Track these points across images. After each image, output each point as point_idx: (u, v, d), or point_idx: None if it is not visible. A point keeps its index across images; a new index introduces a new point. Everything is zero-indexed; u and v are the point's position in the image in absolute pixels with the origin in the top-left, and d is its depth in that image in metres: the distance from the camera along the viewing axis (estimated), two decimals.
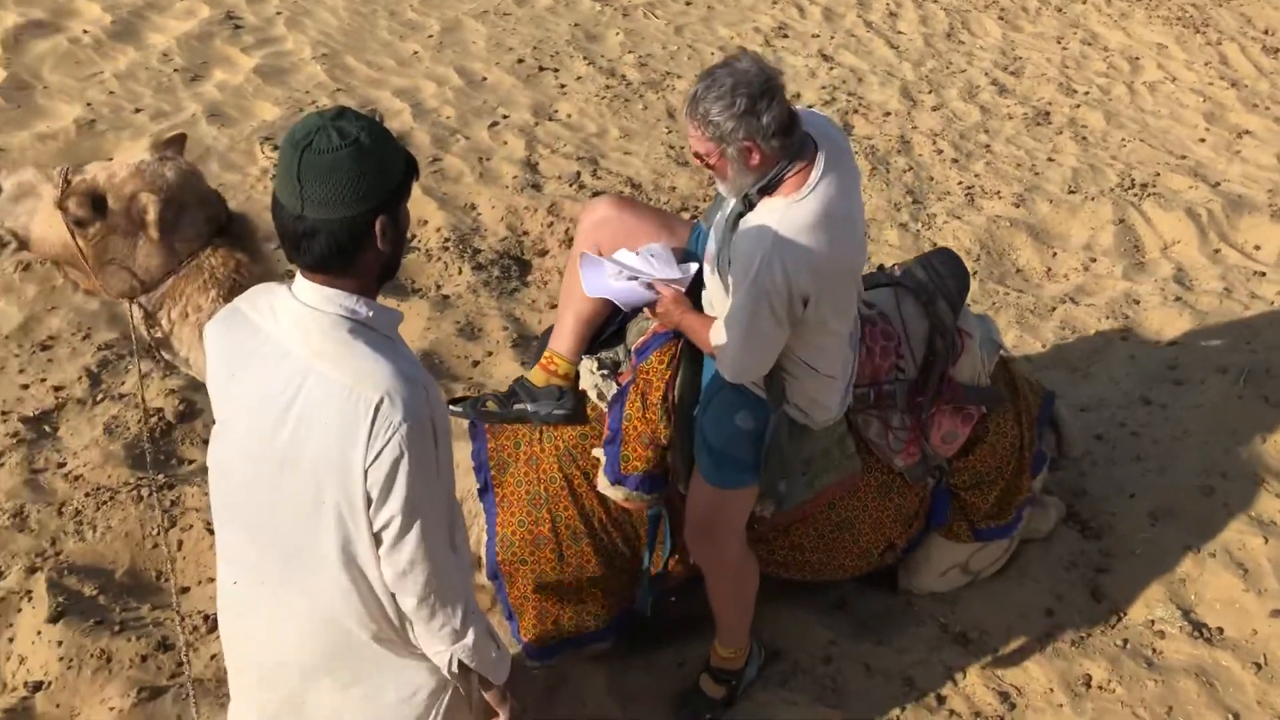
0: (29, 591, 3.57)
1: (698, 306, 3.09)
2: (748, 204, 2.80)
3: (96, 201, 2.78)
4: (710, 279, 3.02)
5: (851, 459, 3.27)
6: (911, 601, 3.75)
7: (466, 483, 3.25)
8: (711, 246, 2.98)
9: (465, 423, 3.40)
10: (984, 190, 6.55)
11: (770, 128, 2.68)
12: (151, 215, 2.76)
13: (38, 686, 3.34)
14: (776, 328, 2.79)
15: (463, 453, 3.28)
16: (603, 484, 3.22)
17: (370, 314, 2.00)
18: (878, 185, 6.49)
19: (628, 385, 3.24)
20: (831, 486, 3.25)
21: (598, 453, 3.25)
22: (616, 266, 3.03)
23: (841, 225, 2.78)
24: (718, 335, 2.90)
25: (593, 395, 3.33)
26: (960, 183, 6.63)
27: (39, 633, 3.45)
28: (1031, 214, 6.31)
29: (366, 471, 1.94)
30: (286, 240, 1.96)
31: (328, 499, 1.99)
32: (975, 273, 5.71)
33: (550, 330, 3.48)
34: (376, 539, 2.01)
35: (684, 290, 3.04)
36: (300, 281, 2.01)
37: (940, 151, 6.98)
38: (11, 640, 3.47)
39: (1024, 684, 3.49)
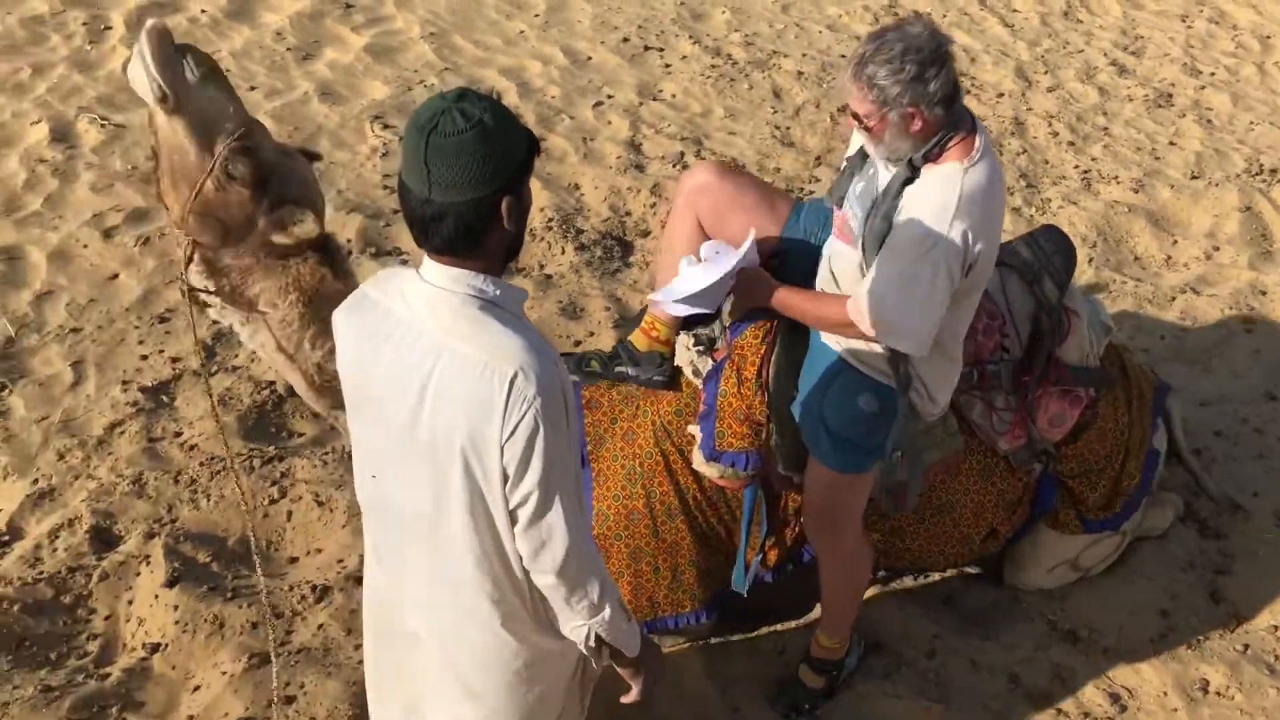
0: (147, 556, 3.69)
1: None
2: (912, 170, 2.74)
3: (260, 174, 2.77)
4: (844, 252, 2.94)
5: (954, 437, 3.20)
6: (1019, 597, 3.66)
7: None
8: (855, 220, 2.88)
9: None
10: (1101, 175, 6.33)
11: (936, 95, 2.65)
12: (300, 231, 2.84)
13: (155, 648, 3.46)
14: (951, 294, 2.75)
15: None
16: (698, 460, 3.20)
17: (498, 293, 2.02)
18: None
19: (723, 361, 3.23)
20: (935, 465, 3.17)
21: (693, 429, 3.23)
22: (687, 285, 2.96)
23: (1003, 192, 2.82)
24: (868, 307, 2.76)
25: (688, 371, 3.32)
26: (1076, 166, 6.42)
27: (156, 596, 3.56)
28: (1151, 200, 6.08)
29: (503, 447, 1.96)
30: (415, 225, 1.98)
31: (461, 476, 2.01)
32: (1091, 260, 5.54)
33: None
34: (513, 516, 2.03)
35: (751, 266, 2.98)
36: (428, 264, 2.03)
37: (1056, 134, 6.76)
38: (131, 603, 3.59)
39: (1136, 686, 3.38)
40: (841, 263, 2.95)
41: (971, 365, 3.21)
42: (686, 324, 3.38)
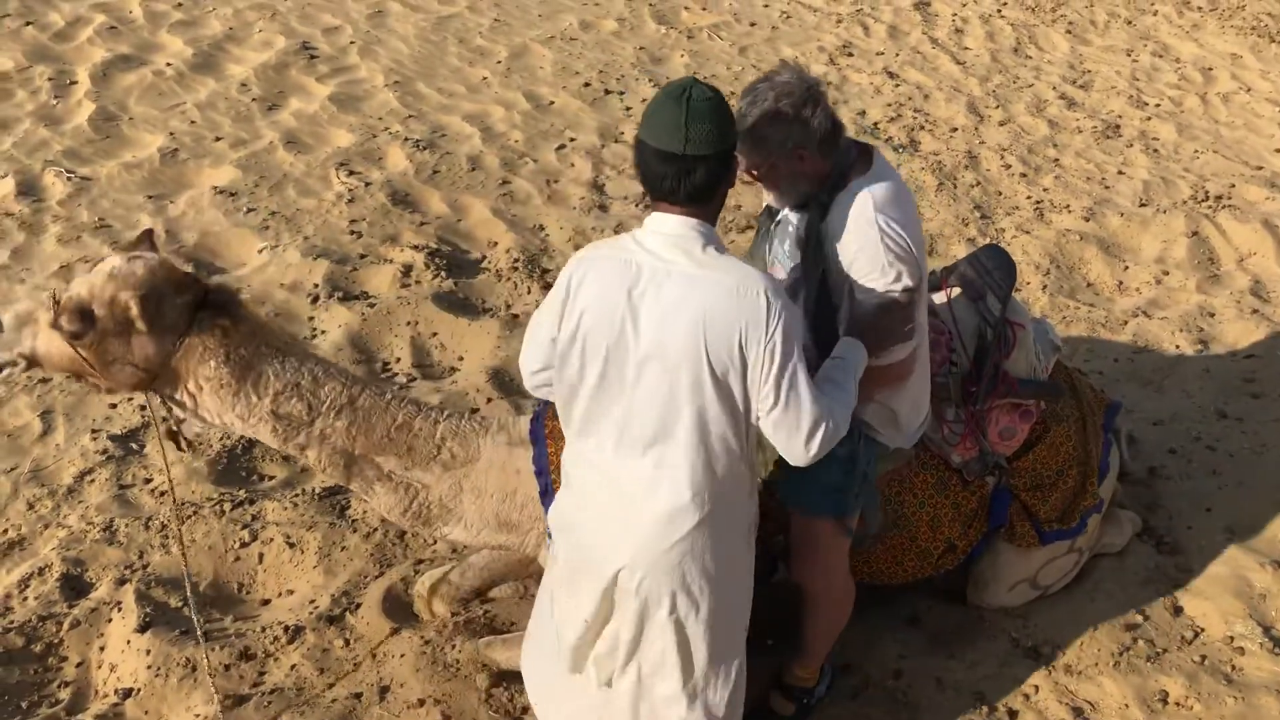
0: (119, 602, 3.70)
1: None
2: (820, 206, 2.84)
3: (84, 313, 2.98)
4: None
5: (903, 449, 3.28)
6: (982, 616, 3.72)
7: (529, 488, 3.31)
8: (785, 271, 2.97)
9: (524, 428, 3.46)
10: (1053, 204, 6.49)
11: (818, 133, 2.76)
12: (134, 311, 2.96)
13: (128, 693, 3.46)
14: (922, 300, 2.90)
15: (524, 459, 3.34)
16: None
17: (716, 235, 2.54)
18: (945, 200, 6.47)
19: None
20: (885, 476, 3.24)
21: None
22: None
23: (912, 199, 2.94)
24: (861, 349, 2.82)
25: None
26: (1029, 197, 6.58)
27: (128, 642, 3.57)
28: (1102, 227, 6.24)
29: (767, 348, 2.45)
30: (665, 181, 2.45)
31: (689, 388, 2.50)
32: (1045, 287, 5.67)
33: None
34: (775, 399, 2.49)
35: None
36: (660, 218, 2.52)
37: (1008, 166, 6.94)
38: (103, 649, 3.59)
39: (1098, 699, 3.44)
40: None
41: None
42: None
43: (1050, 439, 3.52)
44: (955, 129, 7.39)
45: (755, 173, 2.81)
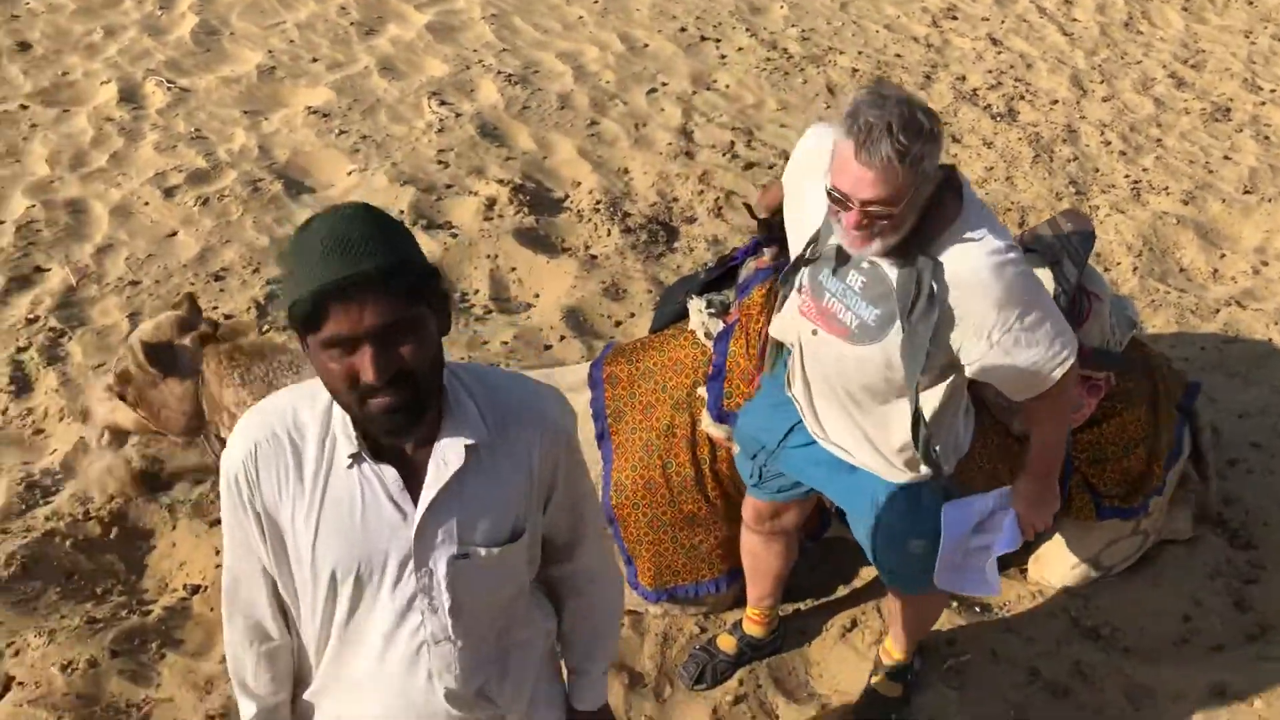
0: (193, 501, 3.80)
1: None
2: (912, 253, 2.40)
3: (125, 377, 3.37)
4: (833, 343, 2.60)
5: (967, 411, 3.23)
6: (1043, 592, 3.68)
7: (585, 429, 3.34)
8: (848, 313, 2.55)
9: (582, 373, 3.48)
10: (1151, 185, 6.30)
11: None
12: (140, 358, 3.28)
13: (195, 589, 3.57)
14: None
15: (581, 402, 3.37)
16: (706, 422, 3.26)
17: None
18: (1040, 173, 6.32)
19: (733, 324, 3.30)
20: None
21: (701, 391, 3.29)
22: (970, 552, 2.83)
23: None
24: (1054, 373, 2.50)
25: (700, 334, 3.39)
26: (1127, 176, 6.40)
27: (198, 539, 3.68)
28: (1201, 212, 6.05)
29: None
30: None
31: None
32: (1135, 269, 5.53)
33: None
34: None
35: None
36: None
37: (1108, 143, 6.74)
38: (174, 545, 3.71)
39: (1154, 685, 3.39)
40: (832, 355, 2.63)
41: None
42: (702, 290, 3.46)
43: (1120, 418, 3.44)
44: (1056, 101, 7.19)
45: (887, 210, 2.30)
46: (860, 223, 2.33)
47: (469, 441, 1.76)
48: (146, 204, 5.39)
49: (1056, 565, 3.65)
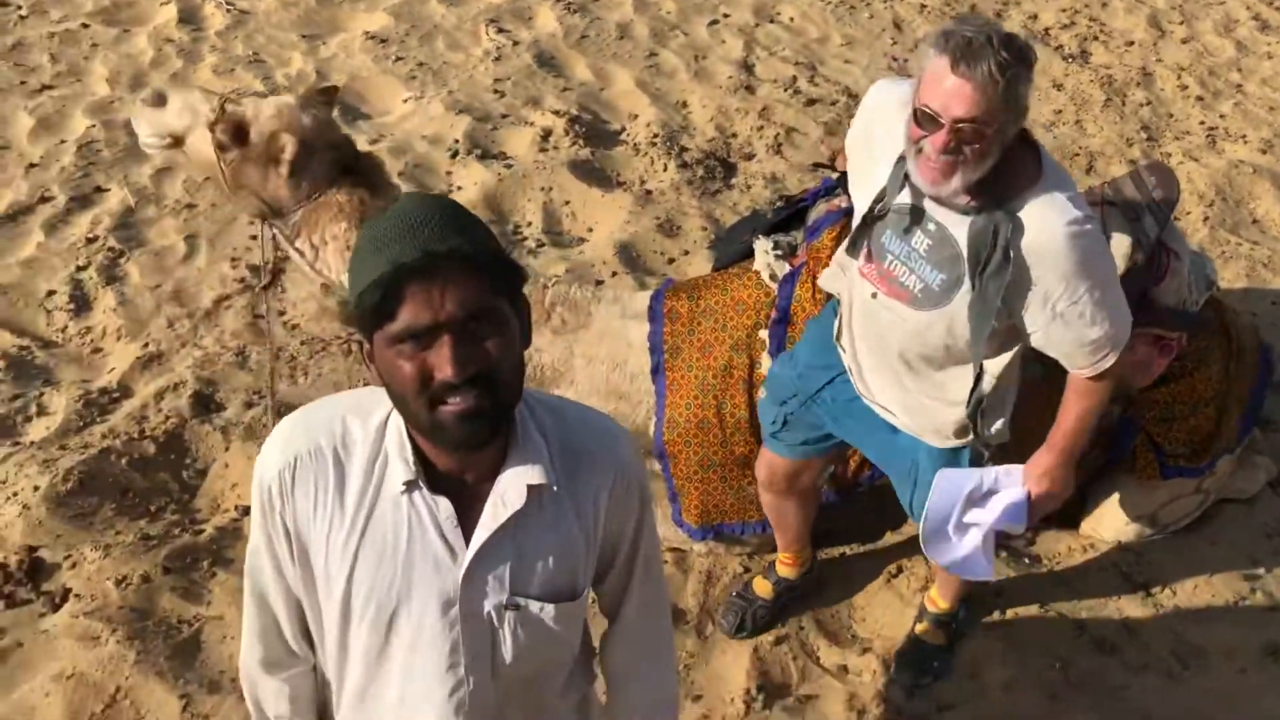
0: (245, 424, 3.84)
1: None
2: (1002, 215, 2.31)
3: (240, 132, 3.12)
4: (897, 309, 2.53)
5: (1032, 363, 3.16)
6: (1095, 546, 3.63)
7: (640, 361, 3.32)
8: (912, 278, 2.47)
9: (642, 303, 3.43)
10: (1228, 133, 6.09)
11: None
12: (288, 154, 3.09)
13: (246, 510, 3.62)
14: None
15: (638, 333, 3.34)
16: (766, 364, 3.21)
17: None
18: (1111, 117, 6.13)
19: (800, 267, 3.23)
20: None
21: (763, 334, 3.25)
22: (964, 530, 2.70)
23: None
24: (1102, 361, 2.47)
25: (765, 276, 3.33)
26: (1202, 122, 6.18)
27: (250, 459, 3.72)
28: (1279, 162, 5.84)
29: None
30: None
31: None
32: (1206, 219, 5.36)
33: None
34: None
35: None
36: None
37: (1184, 87, 6.51)
38: (227, 466, 3.75)
39: (1205, 644, 3.34)
40: (891, 319, 2.57)
41: None
42: (770, 230, 3.39)
43: (1189, 378, 3.35)
44: (1132, 42, 6.95)
45: (980, 130, 2.18)
46: (948, 144, 2.21)
47: (535, 481, 1.58)
48: None
49: (1111, 520, 3.59)
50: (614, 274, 4.69)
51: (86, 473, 3.58)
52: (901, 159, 2.39)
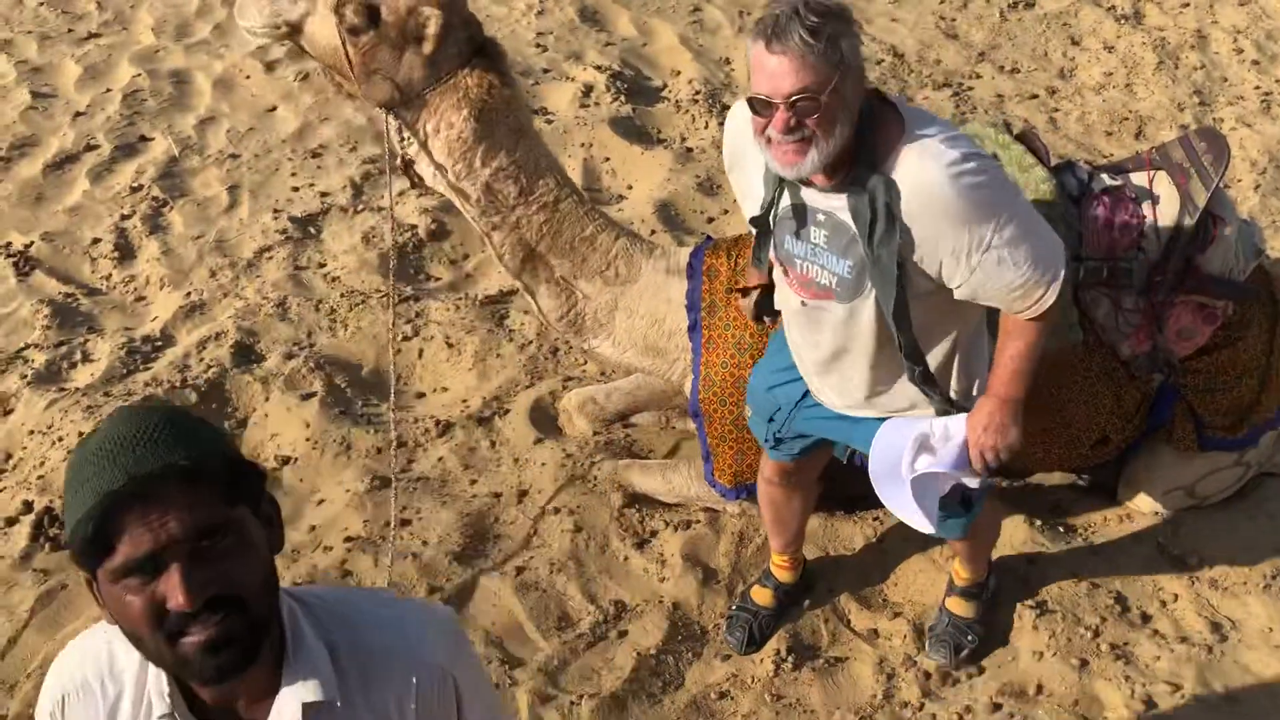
0: (285, 375, 3.89)
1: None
2: (862, 177, 2.23)
3: (372, 11, 2.91)
4: (830, 307, 2.45)
5: (1074, 330, 3.13)
6: (1130, 516, 3.60)
7: (678, 318, 3.31)
8: (825, 271, 2.40)
9: (684, 259, 3.42)
10: None
11: (859, 58, 2.18)
12: (432, 29, 2.89)
13: (286, 460, 3.67)
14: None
15: (678, 289, 3.33)
16: None
17: None
18: (1163, 81, 6.00)
19: None
20: (1047, 357, 3.03)
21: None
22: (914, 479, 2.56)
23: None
24: (1035, 285, 2.32)
25: None
26: (1258, 87, 6.04)
27: (289, 411, 3.77)
28: None
29: None
30: None
31: None
32: (1258, 186, 5.25)
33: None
34: None
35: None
36: None
37: (1240, 51, 6.35)
38: (267, 416, 3.80)
39: (1241, 618, 3.32)
40: (827, 320, 2.49)
41: (1102, 260, 3.12)
42: None
43: (1233, 348, 3.30)
44: (1187, 4, 6.78)
45: (814, 99, 2.11)
46: (789, 123, 2.13)
47: (311, 698, 1.41)
48: (248, 77, 5.42)
49: (1149, 490, 3.55)
50: (653, 232, 4.68)
51: None
52: (768, 166, 2.31)
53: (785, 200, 2.39)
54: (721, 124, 5.29)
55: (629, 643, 3.16)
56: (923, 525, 2.64)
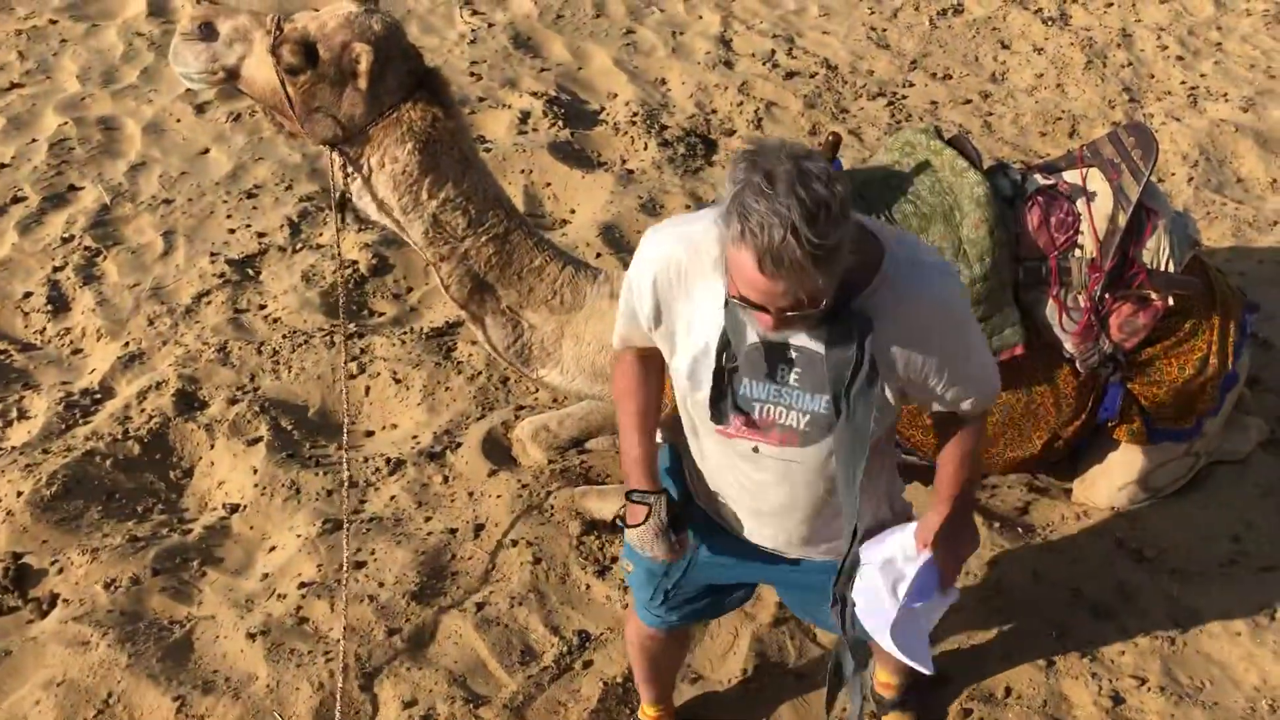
0: (230, 421, 3.80)
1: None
2: (856, 316, 1.97)
3: (308, 50, 2.89)
4: (797, 457, 2.14)
5: (1015, 331, 3.16)
6: (1088, 513, 3.62)
7: None
8: (796, 412, 2.09)
9: None
10: (1209, 92, 6.06)
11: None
12: (364, 65, 2.87)
13: (234, 509, 3.59)
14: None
15: None
16: None
17: None
18: (1092, 80, 6.09)
19: None
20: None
21: None
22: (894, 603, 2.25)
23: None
24: (978, 406, 2.19)
25: None
26: (1184, 82, 6.15)
27: (235, 457, 3.68)
28: (1261, 120, 5.81)
29: None
30: None
31: None
32: (1191, 179, 5.34)
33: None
34: None
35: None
36: None
37: (1165, 47, 6.48)
38: (213, 464, 3.72)
39: (1201, 607, 3.33)
40: (785, 468, 2.17)
41: (1039, 260, 3.17)
42: None
43: (1176, 337, 3.34)
44: (1111, 4, 6.91)
45: (813, 306, 1.85)
46: (779, 325, 1.91)
47: None
48: (179, 121, 5.34)
49: (1103, 486, 3.57)
50: (598, 255, 4.66)
51: (70, 476, 3.54)
52: (728, 302, 1.96)
53: (750, 338, 2.04)
54: (661, 144, 5.31)
55: (594, 672, 3.11)
56: (925, 664, 2.37)
